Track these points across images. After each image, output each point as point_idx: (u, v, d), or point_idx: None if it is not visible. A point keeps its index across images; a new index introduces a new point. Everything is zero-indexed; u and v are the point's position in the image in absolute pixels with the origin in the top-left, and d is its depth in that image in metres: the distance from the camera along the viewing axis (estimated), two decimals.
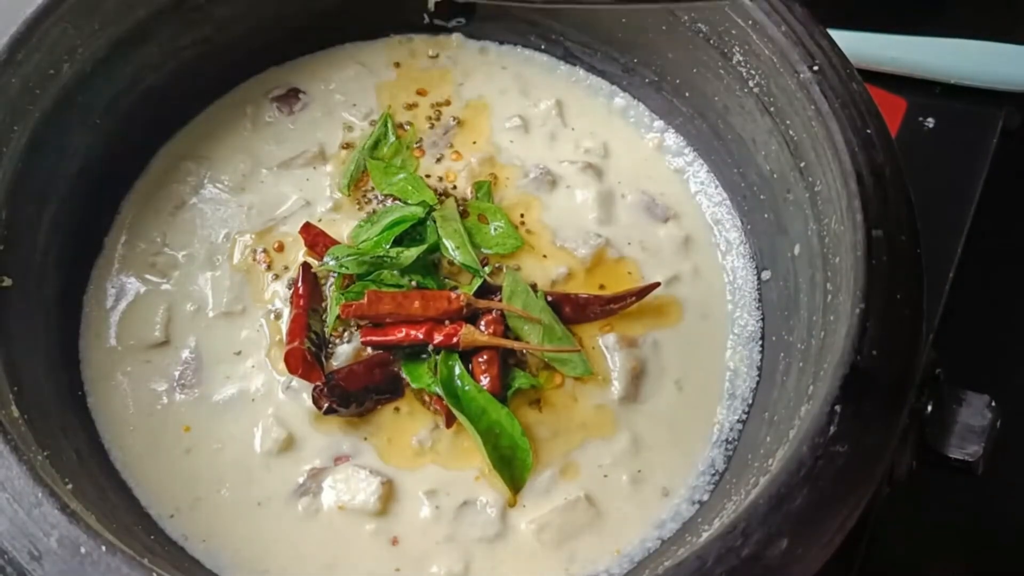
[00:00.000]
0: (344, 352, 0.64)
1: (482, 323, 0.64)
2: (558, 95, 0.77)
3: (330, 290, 0.66)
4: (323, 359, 0.64)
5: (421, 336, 0.63)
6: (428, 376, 0.63)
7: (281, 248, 0.69)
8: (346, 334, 0.65)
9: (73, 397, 0.64)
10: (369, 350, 0.65)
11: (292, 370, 0.63)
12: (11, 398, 0.56)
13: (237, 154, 0.74)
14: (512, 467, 0.61)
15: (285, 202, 0.71)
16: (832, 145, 0.58)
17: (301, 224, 0.68)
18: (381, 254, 0.65)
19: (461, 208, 0.70)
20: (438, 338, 0.63)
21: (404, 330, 0.63)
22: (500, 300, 0.65)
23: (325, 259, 0.66)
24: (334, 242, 0.68)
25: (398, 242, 0.67)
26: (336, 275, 0.66)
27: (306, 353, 0.63)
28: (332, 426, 0.63)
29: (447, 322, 0.63)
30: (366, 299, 0.63)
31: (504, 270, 0.68)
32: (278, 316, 0.66)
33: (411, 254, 0.65)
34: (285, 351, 0.63)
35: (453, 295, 0.64)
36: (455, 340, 0.63)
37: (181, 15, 0.71)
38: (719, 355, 0.67)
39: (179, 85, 0.73)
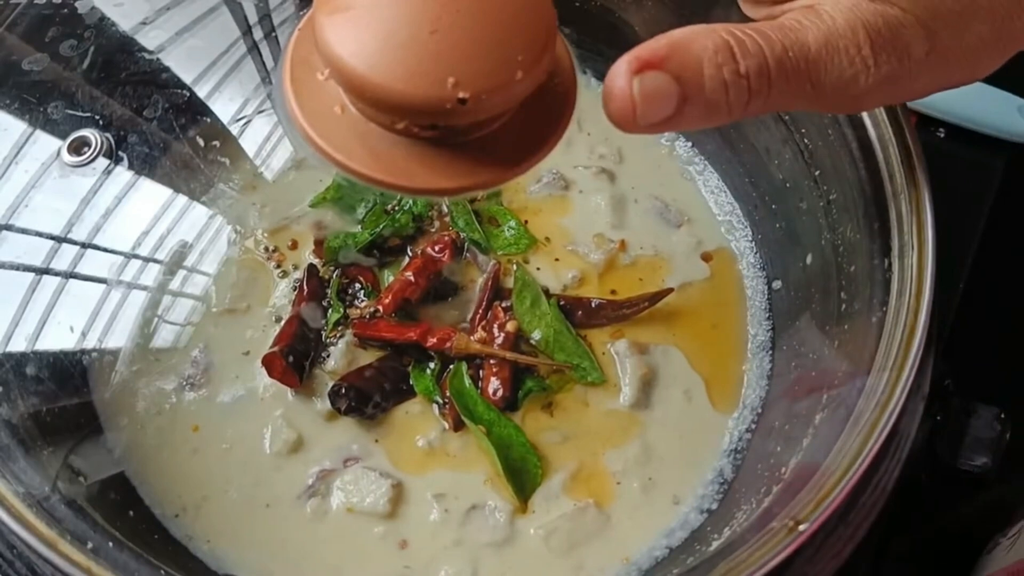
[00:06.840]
0: (338, 350, 0.64)
1: (495, 326, 0.64)
2: None
3: (330, 291, 0.66)
4: (309, 363, 0.64)
5: (414, 336, 0.63)
6: (430, 383, 0.63)
7: (295, 246, 0.69)
8: (339, 328, 0.65)
9: (80, 394, 0.64)
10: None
11: (270, 374, 0.63)
12: (17, 394, 0.55)
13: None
14: (522, 479, 0.61)
15: (298, 201, 0.71)
16: (849, 152, 0.57)
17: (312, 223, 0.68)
18: (379, 227, 0.67)
19: (474, 208, 0.70)
20: (431, 340, 0.63)
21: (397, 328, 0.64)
22: (511, 304, 0.65)
23: (327, 240, 0.67)
24: None
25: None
26: (335, 277, 0.66)
27: (282, 359, 0.62)
28: (342, 428, 0.63)
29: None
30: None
31: (514, 266, 0.68)
32: (278, 319, 0.66)
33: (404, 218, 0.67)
34: (263, 355, 0.63)
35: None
36: (448, 345, 0.63)
37: None
38: (730, 364, 0.66)
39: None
